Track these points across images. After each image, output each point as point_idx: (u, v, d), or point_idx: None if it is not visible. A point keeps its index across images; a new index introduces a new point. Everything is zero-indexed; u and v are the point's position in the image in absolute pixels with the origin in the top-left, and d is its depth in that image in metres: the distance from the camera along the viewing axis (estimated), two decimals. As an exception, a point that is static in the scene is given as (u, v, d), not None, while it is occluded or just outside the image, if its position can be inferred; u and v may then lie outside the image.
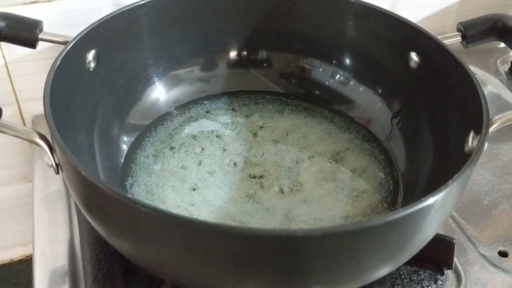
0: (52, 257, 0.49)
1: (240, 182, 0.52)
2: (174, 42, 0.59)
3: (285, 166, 0.54)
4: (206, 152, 0.55)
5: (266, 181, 0.52)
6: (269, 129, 0.58)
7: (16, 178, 0.70)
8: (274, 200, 0.50)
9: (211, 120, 0.59)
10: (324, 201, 0.50)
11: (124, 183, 0.51)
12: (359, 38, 0.59)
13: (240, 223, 0.48)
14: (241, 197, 0.50)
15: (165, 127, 0.57)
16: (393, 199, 0.51)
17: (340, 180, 0.53)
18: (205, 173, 0.52)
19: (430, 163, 0.52)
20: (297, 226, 0.48)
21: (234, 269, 0.35)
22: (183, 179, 0.51)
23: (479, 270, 0.49)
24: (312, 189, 0.51)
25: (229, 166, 0.53)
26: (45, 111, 0.40)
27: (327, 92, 0.62)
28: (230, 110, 0.60)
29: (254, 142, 0.56)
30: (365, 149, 0.56)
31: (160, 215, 0.33)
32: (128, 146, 0.54)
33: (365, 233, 0.34)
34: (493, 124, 0.44)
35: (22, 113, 0.64)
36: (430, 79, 0.53)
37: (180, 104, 0.60)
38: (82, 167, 0.35)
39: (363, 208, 0.50)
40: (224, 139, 0.57)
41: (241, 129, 0.58)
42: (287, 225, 0.48)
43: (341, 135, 0.58)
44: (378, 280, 0.45)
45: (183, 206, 0.49)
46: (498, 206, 0.55)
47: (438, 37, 0.52)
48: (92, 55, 0.50)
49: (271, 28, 0.61)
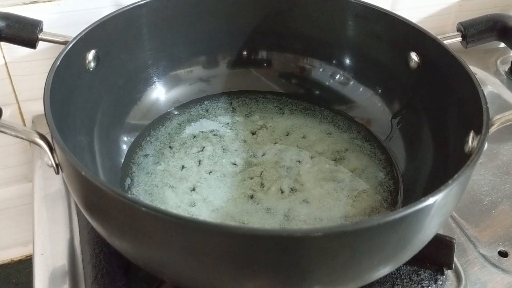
0: (52, 257, 0.49)
1: (240, 182, 0.52)
2: (174, 42, 0.59)
3: (285, 166, 0.54)
4: (206, 152, 0.55)
5: (266, 181, 0.52)
6: (269, 129, 0.58)
7: (16, 178, 0.70)
8: (274, 200, 0.50)
9: (211, 120, 0.59)
10: (324, 201, 0.50)
11: (124, 183, 0.51)
12: (359, 38, 0.59)
13: (240, 223, 0.48)
14: (241, 197, 0.50)
15: (165, 127, 0.57)
16: (393, 199, 0.51)
17: (340, 180, 0.53)
18: (205, 173, 0.52)
19: (430, 163, 0.52)
20: (297, 226, 0.48)
21: (234, 269, 0.35)
22: (183, 179, 0.51)
23: (479, 270, 0.49)
24: (312, 189, 0.51)
25: (229, 166, 0.53)
26: (45, 111, 0.40)
27: (327, 92, 0.62)
28: (230, 110, 0.60)
29: (254, 142, 0.56)
30: (365, 149, 0.56)
31: (160, 215, 0.32)
32: (128, 146, 0.54)
33: (365, 233, 0.34)
34: (493, 124, 0.44)
35: (22, 113, 0.64)
36: (430, 79, 0.53)
37: (180, 104, 0.60)
38: (82, 167, 0.35)
39: (363, 208, 0.50)
40: (224, 139, 0.57)
41: (241, 129, 0.58)
42: (287, 225, 0.48)
43: (341, 135, 0.58)
44: (378, 280, 0.45)
45: (183, 206, 0.49)
46: (498, 206, 0.55)
47: (438, 37, 0.52)
48: (92, 55, 0.50)
49: (271, 28, 0.61)
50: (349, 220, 0.49)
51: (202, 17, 0.59)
